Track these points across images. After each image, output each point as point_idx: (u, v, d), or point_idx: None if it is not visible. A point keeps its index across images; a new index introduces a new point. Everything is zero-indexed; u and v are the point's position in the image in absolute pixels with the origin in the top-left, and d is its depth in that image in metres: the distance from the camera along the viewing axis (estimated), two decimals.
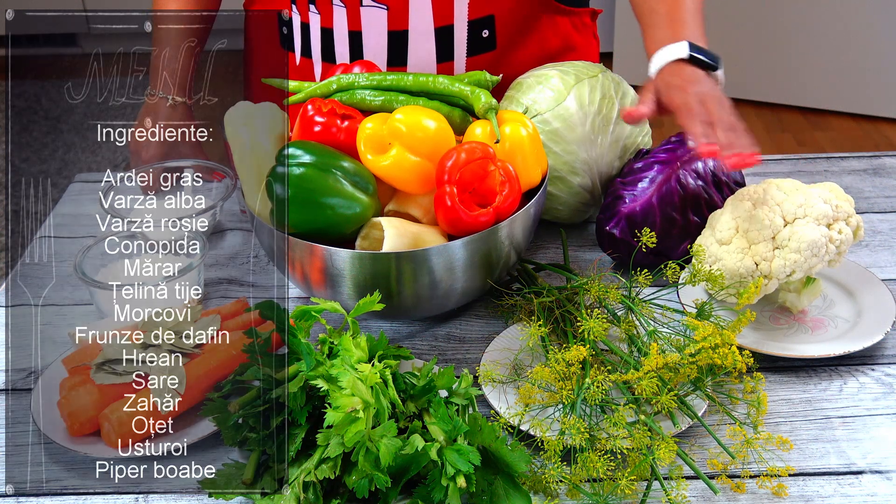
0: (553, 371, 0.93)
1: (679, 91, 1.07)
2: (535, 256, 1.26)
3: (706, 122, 1.04)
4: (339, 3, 1.29)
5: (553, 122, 1.20)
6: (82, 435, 0.95)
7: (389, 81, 1.11)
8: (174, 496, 0.91)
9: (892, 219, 1.32)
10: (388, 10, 1.27)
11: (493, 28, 1.31)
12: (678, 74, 1.09)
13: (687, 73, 1.09)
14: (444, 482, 0.82)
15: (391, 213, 1.07)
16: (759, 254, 1.05)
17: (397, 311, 1.07)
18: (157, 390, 0.95)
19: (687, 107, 1.05)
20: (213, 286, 1.23)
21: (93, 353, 0.98)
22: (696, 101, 1.06)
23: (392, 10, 1.27)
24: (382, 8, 1.27)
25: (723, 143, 1.02)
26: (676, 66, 1.09)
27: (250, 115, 1.10)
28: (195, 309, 1.07)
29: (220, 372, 0.99)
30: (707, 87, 1.08)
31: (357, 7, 1.28)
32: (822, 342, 1.06)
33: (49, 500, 0.92)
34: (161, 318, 1.04)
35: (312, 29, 1.34)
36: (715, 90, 1.08)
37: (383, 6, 1.27)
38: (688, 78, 1.08)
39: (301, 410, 0.87)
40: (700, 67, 1.10)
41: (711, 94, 1.07)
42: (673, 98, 1.08)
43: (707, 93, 1.07)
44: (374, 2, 1.27)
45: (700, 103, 1.05)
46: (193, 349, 1.00)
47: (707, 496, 0.89)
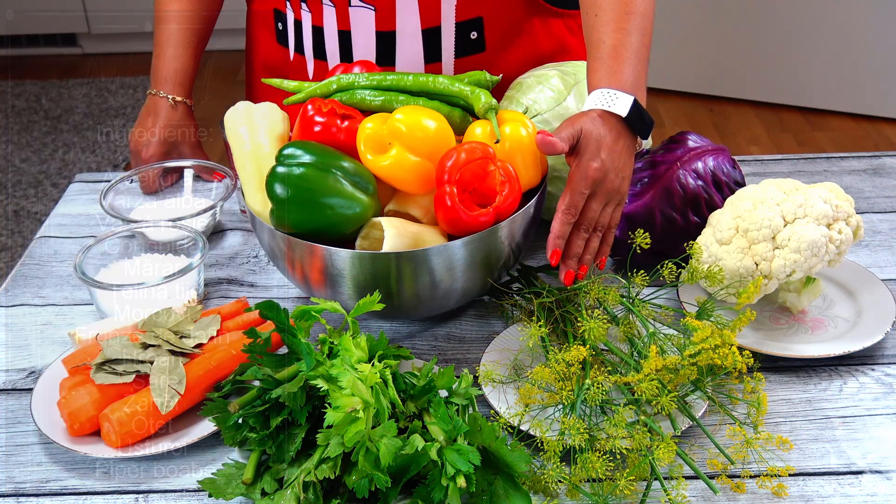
0: (553, 371, 0.93)
1: (589, 153, 1.04)
2: (535, 256, 1.26)
3: (571, 216, 1.02)
4: (328, 2, 1.29)
5: (553, 122, 1.20)
6: (82, 435, 0.95)
7: (389, 81, 1.11)
8: (174, 496, 0.91)
9: (892, 219, 1.32)
10: (375, 10, 1.27)
11: (481, 30, 1.30)
12: (602, 132, 1.04)
13: (611, 135, 1.05)
14: (444, 482, 0.82)
15: (391, 213, 1.07)
16: (759, 254, 1.05)
17: (397, 311, 1.07)
18: (157, 390, 0.95)
19: (577, 184, 1.03)
20: (213, 286, 1.23)
21: (93, 353, 0.98)
22: (589, 182, 1.03)
23: (379, 10, 1.27)
24: (370, 9, 1.27)
25: (569, 251, 1.04)
26: (608, 119, 1.05)
27: (250, 115, 1.10)
28: (195, 309, 1.07)
29: (220, 372, 0.99)
30: (619, 161, 1.05)
31: (346, 7, 1.28)
32: (822, 342, 1.06)
33: (49, 500, 0.92)
34: (161, 318, 1.04)
35: (304, 27, 1.34)
36: (622, 168, 1.06)
37: (371, 7, 1.27)
38: (608, 142, 1.04)
39: (301, 410, 0.87)
40: (631, 130, 1.07)
41: (613, 176, 1.04)
42: (579, 156, 1.04)
43: (610, 171, 1.04)
44: (362, 2, 1.27)
45: (588, 185, 1.03)
46: (193, 349, 1.00)
47: (707, 496, 0.89)
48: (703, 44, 3.70)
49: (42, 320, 1.17)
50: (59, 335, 1.15)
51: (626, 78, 1.09)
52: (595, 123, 1.05)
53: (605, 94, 1.08)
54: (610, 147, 1.05)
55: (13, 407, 1.03)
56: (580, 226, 1.05)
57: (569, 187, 1.04)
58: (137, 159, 1.41)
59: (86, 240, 1.32)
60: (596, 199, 1.04)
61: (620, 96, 1.07)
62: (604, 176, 1.04)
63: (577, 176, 1.04)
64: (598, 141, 1.04)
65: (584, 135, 1.05)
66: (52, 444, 0.97)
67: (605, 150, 1.04)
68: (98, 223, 1.38)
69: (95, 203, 1.42)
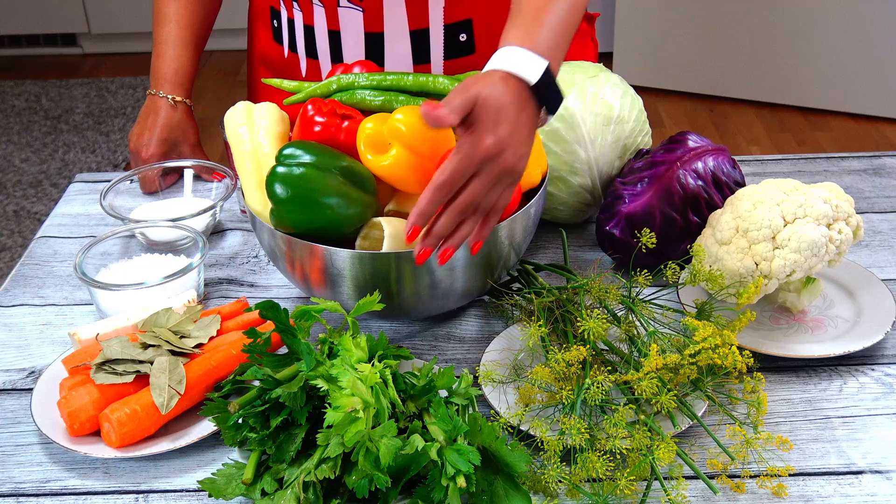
0: (553, 371, 0.93)
1: (483, 126, 0.89)
2: (535, 256, 1.26)
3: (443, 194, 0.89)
4: (317, 2, 1.29)
5: (553, 122, 1.20)
6: (82, 435, 0.95)
7: (389, 81, 1.11)
8: (174, 496, 0.91)
9: (892, 219, 1.32)
10: (363, 11, 1.27)
11: (471, 32, 1.30)
12: (504, 100, 0.90)
13: (514, 105, 0.91)
14: (444, 482, 0.82)
15: (391, 213, 1.07)
16: (759, 254, 1.05)
17: (397, 311, 1.07)
18: (157, 390, 0.95)
19: (462, 161, 0.89)
20: (213, 286, 1.23)
21: (93, 353, 0.98)
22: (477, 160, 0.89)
23: (367, 11, 1.27)
24: (358, 10, 1.27)
25: (433, 229, 0.91)
26: (513, 84, 0.92)
27: (250, 115, 1.10)
28: (195, 309, 1.07)
29: (220, 372, 0.99)
30: (518, 136, 0.91)
31: (334, 7, 1.28)
32: (822, 342, 1.06)
33: (49, 500, 0.92)
34: (161, 318, 1.04)
35: (297, 25, 1.34)
36: (520, 145, 0.92)
37: (359, 8, 1.27)
38: (510, 114, 0.90)
39: (301, 410, 0.87)
40: (537, 99, 0.94)
41: (509, 154, 0.90)
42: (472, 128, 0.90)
43: (507, 148, 0.90)
44: (350, 3, 1.27)
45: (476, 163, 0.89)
46: (193, 349, 1.00)
47: (707, 496, 0.89)
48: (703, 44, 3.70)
49: (42, 320, 1.17)
50: (59, 335, 1.15)
51: (542, 40, 0.95)
52: (496, 89, 0.90)
53: (515, 52, 0.93)
54: (511, 120, 0.90)
55: (13, 407, 1.03)
56: (455, 206, 0.91)
57: (450, 161, 0.89)
58: (137, 159, 1.40)
59: (86, 240, 1.32)
60: (481, 178, 0.90)
61: (532, 59, 0.92)
62: (498, 153, 0.90)
63: (464, 150, 0.89)
64: (498, 111, 0.90)
65: (480, 102, 0.90)
66: (52, 444, 0.97)
67: (505, 124, 0.90)
68: (98, 223, 1.38)
69: (95, 203, 1.42)
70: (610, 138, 1.22)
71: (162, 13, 1.42)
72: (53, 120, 3.83)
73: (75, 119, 3.82)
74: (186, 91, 1.43)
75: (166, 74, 1.41)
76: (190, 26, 1.42)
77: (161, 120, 1.40)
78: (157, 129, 1.40)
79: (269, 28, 1.41)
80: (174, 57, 1.41)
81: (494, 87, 0.91)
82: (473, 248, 0.95)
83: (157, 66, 1.42)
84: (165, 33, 1.41)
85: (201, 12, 1.43)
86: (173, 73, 1.41)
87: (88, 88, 4.08)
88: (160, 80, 1.41)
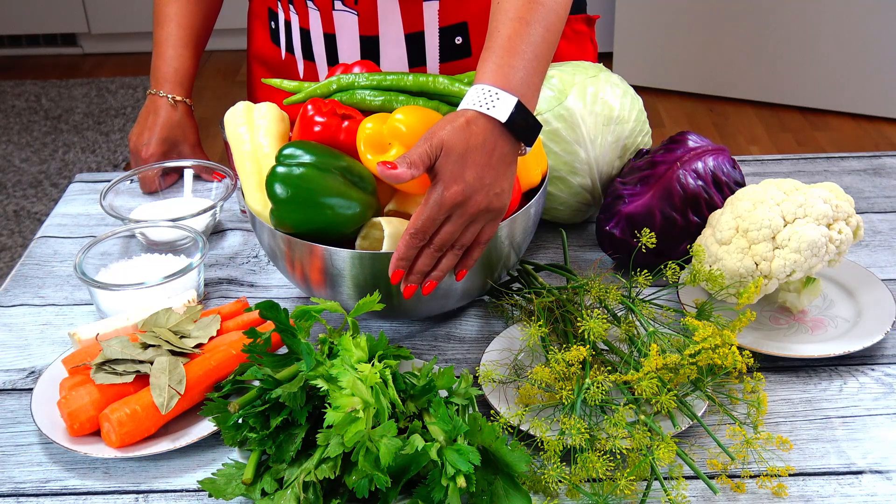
0: (553, 371, 0.93)
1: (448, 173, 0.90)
2: (535, 256, 1.26)
3: (418, 240, 0.92)
4: (313, 5, 1.28)
5: (553, 122, 1.20)
6: (82, 435, 0.95)
7: (389, 81, 1.11)
8: (174, 496, 0.91)
9: (892, 219, 1.32)
10: (358, 15, 1.27)
11: (466, 35, 1.30)
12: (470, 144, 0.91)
13: (482, 148, 0.91)
14: (444, 482, 0.82)
15: (391, 213, 1.07)
16: (759, 254, 1.05)
17: (397, 311, 1.07)
18: (157, 390, 0.95)
19: (431, 208, 0.91)
20: (213, 286, 1.23)
21: (93, 353, 0.98)
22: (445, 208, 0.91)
23: (362, 15, 1.27)
24: (353, 13, 1.27)
25: (414, 268, 0.94)
26: (482, 124, 0.92)
27: (250, 115, 1.10)
28: (195, 309, 1.07)
29: (220, 372, 0.99)
30: (490, 177, 0.92)
31: (329, 11, 1.28)
32: (822, 342, 1.06)
33: (49, 500, 0.92)
34: (161, 318, 1.04)
35: (293, 27, 1.34)
36: (494, 184, 0.92)
37: (354, 11, 1.26)
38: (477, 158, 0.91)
39: (301, 410, 0.87)
40: (513, 135, 0.94)
41: (480, 197, 0.92)
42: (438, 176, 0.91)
43: (478, 192, 0.91)
44: (345, 7, 1.27)
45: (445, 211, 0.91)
46: (193, 349, 1.00)
47: (707, 496, 0.89)
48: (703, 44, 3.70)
49: (42, 320, 1.17)
50: (59, 335, 1.15)
51: (514, 74, 0.95)
52: (462, 134, 0.91)
53: (485, 92, 0.93)
54: (480, 162, 0.91)
55: (13, 407, 1.03)
56: (432, 248, 0.94)
57: (420, 209, 0.92)
58: (137, 159, 1.41)
59: (86, 240, 1.32)
60: (453, 221, 0.93)
61: (503, 97, 0.93)
62: (466, 199, 0.92)
63: (432, 199, 0.91)
64: (463, 157, 0.91)
65: (444, 150, 0.91)
66: (52, 444, 0.97)
67: (473, 168, 0.91)
68: (98, 223, 1.38)
69: (95, 203, 1.42)
70: (610, 138, 1.22)
71: (162, 13, 1.42)
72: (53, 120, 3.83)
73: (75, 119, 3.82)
74: (186, 91, 1.43)
75: (166, 74, 1.41)
76: (190, 26, 1.42)
77: (161, 120, 1.40)
78: (156, 128, 1.40)
79: (267, 29, 1.41)
80: (174, 57, 1.41)
81: (461, 131, 0.92)
82: (458, 276, 0.99)
83: (157, 66, 1.42)
84: (165, 33, 1.42)
85: (201, 13, 1.43)
86: (173, 72, 1.41)
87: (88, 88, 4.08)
88: (160, 80, 1.41)
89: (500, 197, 0.95)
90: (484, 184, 0.93)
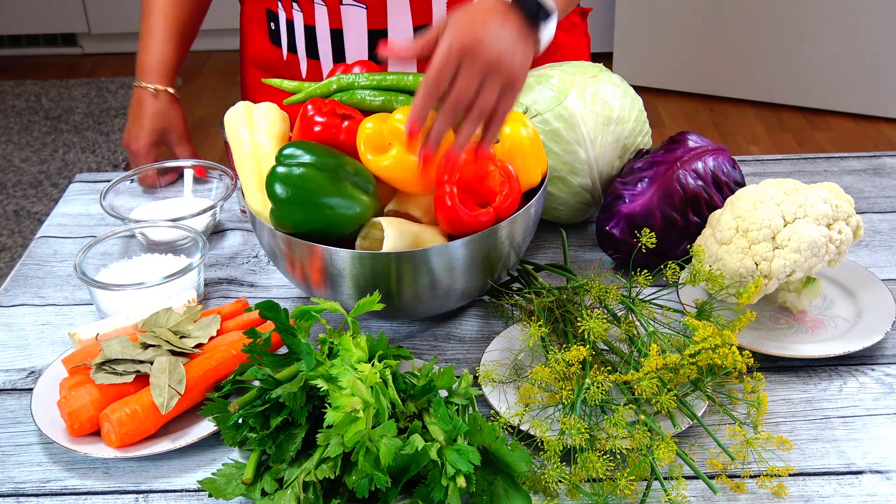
0: (553, 371, 0.93)
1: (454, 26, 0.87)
2: (535, 256, 1.26)
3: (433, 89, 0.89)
4: (319, 1, 1.28)
5: (553, 122, 1.20)
6: (82, 435, 0.95)
7: (389, 81, 1.11)
8: (174, 496, 0.91)
9: (892, 219, 1.32)
10: (366, 9, 1.27)
11: None
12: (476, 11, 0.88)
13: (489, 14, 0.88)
14: (444, 482, 0.82)
15: (391, 213, 1.07)
16: (759, 254, 1.05)
17: (397, 311, 1.07)
18: (157, 390, 0.95)
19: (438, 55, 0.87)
20: (213, 286, 1.23)
21: (93, 353, 0.98)
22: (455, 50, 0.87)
23: (371, 9, 1.27)
24: (361, 7, 1.27)
25: (433, 130, 0.90)
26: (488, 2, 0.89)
27: (250, 115, 1.10)
28: (195, 309, 1.07)
29: (220, 372, 0.99)
30: (502, 36, 0.87)
31: (337, 6, 1.28)
32: (822, 342, 1.06)
33: (49, 500, 0.92)
34: (161, 318, 1.04)
35: (296, 26, 1.34)
36: (510, 49, 0.88)
37: (362, 5, 1.27)
38: (482, 18, 0.87)
39: (301, 410, 0.87)
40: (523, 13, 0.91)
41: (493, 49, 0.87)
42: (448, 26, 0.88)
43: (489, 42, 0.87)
44: (354, 1, 1.27)
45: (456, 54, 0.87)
46: (193, 349, 1.00)
47: (707, 496, 0.89)
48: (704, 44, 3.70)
49: (42, 320, 1.17)
50: (59, 335, 1.15)
51: None
52: (469, 7, 0.89)
53: None
54: (491, 23, 0.88)
55: (13, 407, 1.03)
56: (448, 104, 0.90)
57: (432, 58, 0.88)
58: (131, 153, 1.41)
59: (86, 240, 1.32)
60: (465, 71, 0.89)
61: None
62: (476, 45, 0.87)
63: (441, 47, 0.88)
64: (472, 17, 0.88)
65: (451, 19, 0.89)
66: (52, 444, 0.97)
67: (482, 25, 0.88)
68: (98, 223, 1.38)
69: (95, 203, 1.42)
70: (610, 138, 1.22)
71: (148, 6, 1.42)
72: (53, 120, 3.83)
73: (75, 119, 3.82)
74: (169, 80, 1.42)
75: (149, 65, 1.41)
76: (176, 17, 1.42)
77: (146, 110, 1.40)
78: (143, 119, 1.40)
79: (266, 31, 1.41)
80: (157, 48, 1.41)
81: (467, 7, 0.90)
82: (477, 155, 0.95)
83: (141, 58, 1.42)
84: (150, 25, 1.42)
85: (190, 5, 1.43)
86: (156, 63, 1.41)
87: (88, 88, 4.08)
88: (143, 72, 1.41)
89: (514, 58, 0.90)
90: (495, 38, 0.89)
